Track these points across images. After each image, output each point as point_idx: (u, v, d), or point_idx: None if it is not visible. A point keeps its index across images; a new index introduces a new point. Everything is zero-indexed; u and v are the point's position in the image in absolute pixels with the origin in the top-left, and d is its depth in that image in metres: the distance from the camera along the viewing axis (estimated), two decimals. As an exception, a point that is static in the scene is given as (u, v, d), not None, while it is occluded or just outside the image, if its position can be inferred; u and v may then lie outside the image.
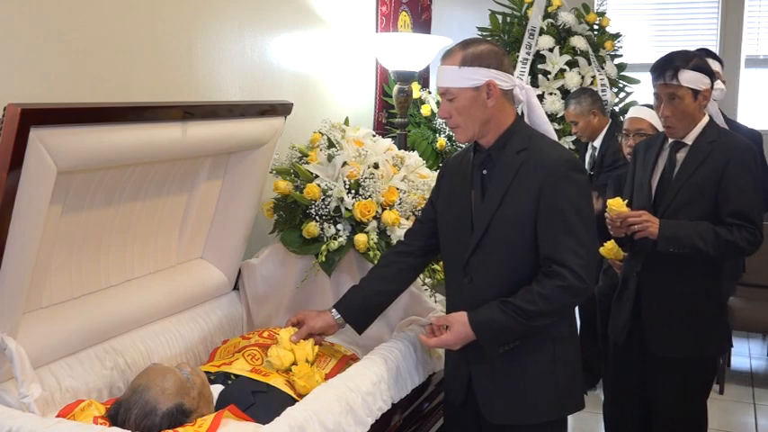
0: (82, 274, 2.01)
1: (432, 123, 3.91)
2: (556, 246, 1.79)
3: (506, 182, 1.84)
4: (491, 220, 1.84)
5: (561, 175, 1.80)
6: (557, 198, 1.80)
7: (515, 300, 1.80)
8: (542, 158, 1.83)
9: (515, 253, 1.84)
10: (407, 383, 2.14)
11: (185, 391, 1.81)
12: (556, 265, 1.79)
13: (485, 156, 1.90)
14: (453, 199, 1.97)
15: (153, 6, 2.31)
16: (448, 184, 2.02)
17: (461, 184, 1.95)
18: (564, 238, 1.79)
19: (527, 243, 1.83)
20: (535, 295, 1.79)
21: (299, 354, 2.15)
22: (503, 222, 1.83)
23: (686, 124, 2.33)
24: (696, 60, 2.31)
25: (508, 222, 1.83)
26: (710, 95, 2.36)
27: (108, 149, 1.78)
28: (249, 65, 2.82)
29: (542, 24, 4.00)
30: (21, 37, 1.89)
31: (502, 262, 1.85)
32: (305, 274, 2.54)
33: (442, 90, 1.88)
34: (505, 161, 1.86)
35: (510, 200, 1.83)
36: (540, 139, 1.90)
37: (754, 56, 5.18)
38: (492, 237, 1.85)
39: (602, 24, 4.21)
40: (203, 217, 2.41)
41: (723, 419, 3.57)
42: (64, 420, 1.64)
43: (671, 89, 2.29)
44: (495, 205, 1.84)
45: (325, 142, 2.58)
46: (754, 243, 2.25)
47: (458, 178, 1.97)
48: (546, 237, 1.80)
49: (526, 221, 1.82)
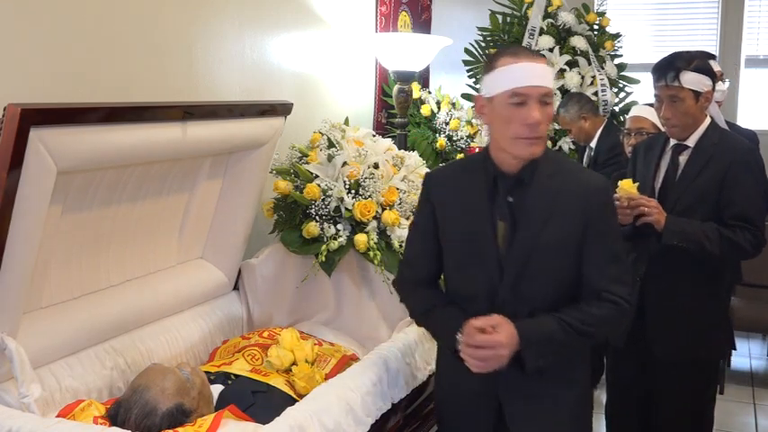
0: (82, 274, 2.01)
1: (432, 123, 3.91)
2: (605, 277, 1.70)
3: (546, 210, 1.69)
4: (531, 251, 1.68)
5: (603, 202, 1.72)
6: (602, 225, 1.70)
7: (568, 317, 1.67)
8: (582, 184, 1.72)
9: (552, 283, 1.71)
10: (407, 383, 2.14)
11: (185, 391, 1.81)
12: (606, 293, 1.70)
13: (512, 181, 1.71)
14: (468, 227, 1.74)
15: (153, 6, 2.31)
16: (451, 209, 1.78)
17: (476, 212, 1.73)
18: (611, 269, 1.71)
19: (565, 272, 1.71)
20: (589, 316, 1.68)
21: (299, 354, 2.15)
22: (542, 253, 1.68)
23: (688, 126, 2.31)
24: (698, 62, 2.30)
25: (548, 253, 1.68)
26: (712, 97, 2.34)
27: (108, 149, 1.78)
28: (249, 65, 2.82)
29: (542, 24, 4.00)
30: (21, 37, 1.89)
31: (537, 293, 1.71)
32: (305, 274, 2.54)
33: (545, 91, 1.65)
34: (539, 187, 1.70)
35: (551, 229, 1.68)
36: (566, 162, 1.80)
37: (754, 56, 5.17)
38: (528, 269, 1.69)
39: (602, 24, 4.21)
40: (203, 217, 2.41)
41: (723, 419, 3.57)
42: (64, 420, 1.65)
43: (672, 91, 2.28)
44: (535, 236, 1.68)
45: (325, 142, 2.58)
46: (757, 246, 2.24)
47: (466, 203, 1.75)
48: (593, 267, 1.71)
49: (568, 251, 1.70)
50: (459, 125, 3.75)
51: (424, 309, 1.85)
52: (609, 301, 1.70)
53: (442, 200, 1.80)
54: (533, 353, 1.66)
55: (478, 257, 1.73)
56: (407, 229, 2.48)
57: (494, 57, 1.70)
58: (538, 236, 1.68)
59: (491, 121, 1.70)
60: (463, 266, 1.78)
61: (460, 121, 3.77)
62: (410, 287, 1.90)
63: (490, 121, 1.70)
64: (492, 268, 1.72)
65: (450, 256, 1.81)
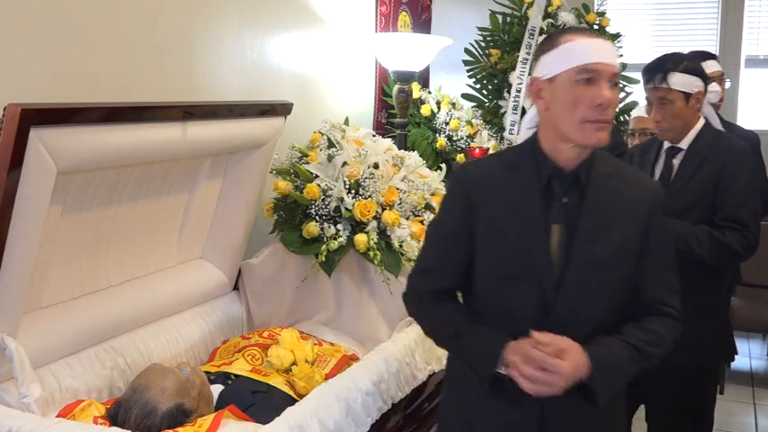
0: (82, 274, 2.01)
1: (432, 123, 3.91)
2: (663, 288, 1.57)
3: (606, 214, 1.51)
4: (592, 260, 1.49)
5: (661, 205, 1.58)
6: (661, 232, 1.56)
7: (634, 340, 1.50)
8: (641, 187, 1.57)
9: (611, 297, 1.52)
10: (407, 383, 2.14)
11: (185, 391, 1.81)
12: (665, 307, 1.56)
13: (569, 179, 1.52)
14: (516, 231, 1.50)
15: (153, 6, 2.31)
16: (494, 209, 1.53)
17: (526, 214, 1.51)
18: (668, 278, 1.58)
19: (623, 285, 1.53)
20: (655, 335, 1.53)
21: (299, 354, 2.15)
22: (604, 263, 1.50)
23: (679, 128, 2.30)
24: (687, 63, 2.28)
25: (610, 263, 1.50)
26: (703, 98, 2.32)
27: (108, 149, 1.78)
28: (249, 65, 2.82)
29: (542, 24, 4.00)
30: (21, 37, 1.89)
31: (596, 311, 1.51)
32: (305, 274, 2.54)
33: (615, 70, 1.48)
34: (596, 188, 1.52)
35: (613, 236, 1.50)
36: (619, 162, 1.63)
37: (754, 56, 5.17)
38: (590, 281, 1.49)
39: (602, 24, 4.21)
40: (203, 217, 2.41)
41: (723, 419, 3.56)
42: (64, 420, 1.65)
43: (661, 93, 2.26)
44: (596, 242, 1.49)
45: (325, 142, 2.58)
46: (749, 248, 2.21)
47: (514, 203, 1.52)
48: (651, 277, 1.55)
49: (629, 261, 1.52)
50: (459, 125, 3.75)
51: (454, 326, 1.55)
52: (669, 315, 1.56)
53: (482, 199, 1.54)
54: (605, 385, 1.46)
55: (528, 267, 1.49)
56: (408, 229, 2.50)
57: (554, 36, 1.52)
58: (599, 242, 1.49)
59: (551, 105, 1.49)
60: (507, 278, 1.51)
61: (460, 121, 3.77)
62: (430, 300, 1.60)
63: (550, 105, 1.50)
64: (545, 280, 1.48)
65: (488, 266, 1.54)
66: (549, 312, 1.48)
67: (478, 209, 1.53)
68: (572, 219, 1.50)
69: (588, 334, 1.48)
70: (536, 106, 1.56)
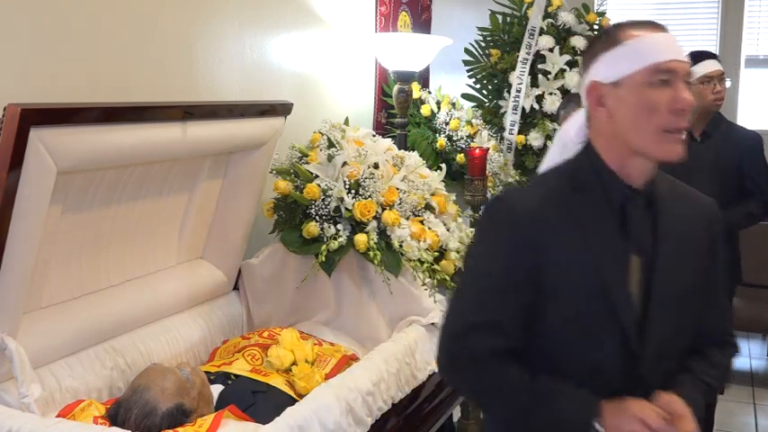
0: (82, 274, 2.01)
1: (432, 123, 3.91)
2: (724, 315, 1.47)
3: (681, 239, 1.33)
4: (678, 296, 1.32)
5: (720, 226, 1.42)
6: (722, 255, 1.42)
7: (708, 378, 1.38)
8: (703, 205, 1.40)
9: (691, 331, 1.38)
10: (407, 383, 2.14)
11: (185, 391, 1.81)
12: (727, 336, 1.46)
13: (642, 201, 1.32)
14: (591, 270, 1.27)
15: (153, 6, 2.31)
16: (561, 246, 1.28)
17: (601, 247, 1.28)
18: (725, 302, 1.48)
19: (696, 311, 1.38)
20: (723, 369, 1.42)
21: (299, 354, 2.15)
22: (688, 298, 1.34)
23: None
24: None
25: (691, 295, 1.34)
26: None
27: (108, 149, 1.78)
28: (249, 65, 2.82)
29: (542, 24, 4.00)
30: (21, 37, 1.88)
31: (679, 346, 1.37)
32: (305, 274, 2.54)
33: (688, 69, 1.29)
34: (666, 209, 1.33)
35: (690, 264, 1.34)
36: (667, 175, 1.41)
37: (754, 56, 5.17)
38: (674, 318, 1.32)
39: (602, 24, 4.21)
40: (203, 217, 2.41)
41: (723, 419, 3.57)
42: (64, 420, 1.65)
43: None
44: (678, 274, 1.32)
45: (325, 142, 2.58)
46: None
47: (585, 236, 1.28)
48: (716, 305, 1.43)
49: (703, 290, 1.37)
50: (459, 125, 3.75)
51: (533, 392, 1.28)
52: (731, 345, 1.45)
53: (546, 236, 1.28)
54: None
55: (607, 311, 1.27)
56: (408, 229, 2.49)
57: (612, 31, 1.34)
58: (679, 274, 1.32)
59: (617, 114, 1.28)
60: (583, 326, 1.28)
61: (460, 121, 3.77)
62: (496, 363, 1.29)
63: (616, 113, 1.28)
64: (627, 323, 1.27)
65: (558, 314, 1.29)
66: (636, 360, 1.28)
67: (542, 247, 1.28)
68: (649, 248, 1.31)
69: (670, 373, 1.34)
70: (594, 115, 1.33)
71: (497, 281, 1.30)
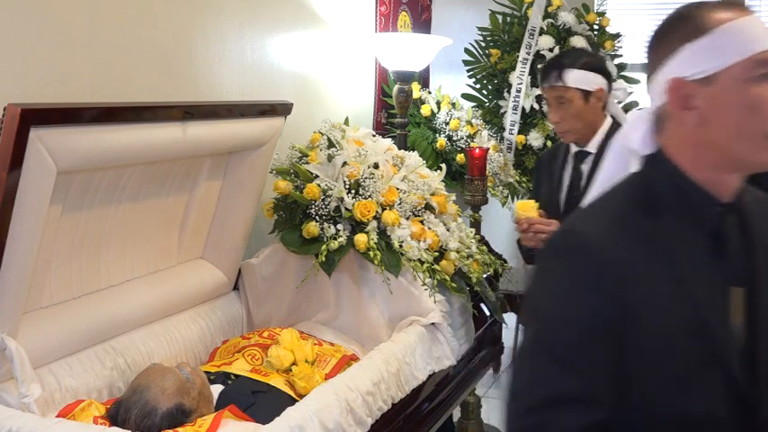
0: (82, 274, 2.01)
1: (432, 123, 3.91)
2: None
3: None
4: None
5: None
6: None
7: None
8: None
9: None
10: (407, 383, 2.14)
11: (185, 391, 1.81)
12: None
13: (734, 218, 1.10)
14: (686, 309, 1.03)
15: (153, 6, 2.31)
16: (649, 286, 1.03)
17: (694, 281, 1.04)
18: None
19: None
20: None
21: (299, 354, 2.15)
22: None
23: (580, 130, 2.18)
24: (587, 59, 2.17)
25: None
26: (605, 96, 2.20)
27: (108, 149, 1.78)
28: (249, 65, 2.82)
29: (542, 24, 4.00)
30: (21, 37, 1.88)
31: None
32: (305, 274, 2.54)
33: None
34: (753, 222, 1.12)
35: None
36: None
37: (753, 56, 5.17)
38: None
39: (602, 24, 4.21)
40: (203, 217, 2.41)
41: None
42: (64, 420, 1.65)
43: (557, 92, 2.14)
44: None
45: (325, 142, 2.58)
46: None
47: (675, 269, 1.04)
48: None
49: None
50: (459, 125, 3.75)
51: None
52: None
53: (631, 276, 1.02)
54: None
55: (711, 355, 1.03)
56: (408, 229, 2.49)
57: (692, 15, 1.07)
58: None
59: (712, 117, 1.05)
60: (684, 378, 1.02)
61: (460, 121, 3.77)
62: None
63: (709, 116, 1.05)
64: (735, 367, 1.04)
65: (653, 368, 1.02)
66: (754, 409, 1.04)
67: (630, 290, 1.02)
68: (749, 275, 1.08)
69: None
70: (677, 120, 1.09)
71: (578, 339, 1.02)
